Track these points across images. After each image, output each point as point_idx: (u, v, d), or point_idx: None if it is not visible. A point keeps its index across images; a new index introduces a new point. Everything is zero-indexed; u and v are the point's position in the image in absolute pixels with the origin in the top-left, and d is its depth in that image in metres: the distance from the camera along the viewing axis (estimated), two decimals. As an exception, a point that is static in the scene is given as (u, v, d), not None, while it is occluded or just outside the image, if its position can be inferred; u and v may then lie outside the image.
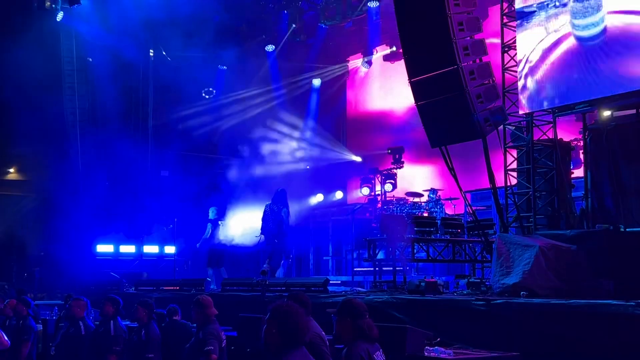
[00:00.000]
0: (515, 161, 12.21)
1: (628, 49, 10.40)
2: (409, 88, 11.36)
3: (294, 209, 16.75)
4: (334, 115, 23.69)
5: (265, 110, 22.20)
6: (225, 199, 19.03)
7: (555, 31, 11.37)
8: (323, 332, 7.00)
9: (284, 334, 4.37)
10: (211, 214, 17.18)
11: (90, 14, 20.03)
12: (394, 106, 20.82)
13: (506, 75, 12.29)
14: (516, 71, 11.98)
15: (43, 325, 12.22)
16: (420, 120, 11.46)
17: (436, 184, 17.73)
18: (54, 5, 20.08)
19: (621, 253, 9.33)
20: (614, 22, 10.59)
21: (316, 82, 23.39)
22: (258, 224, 15.72)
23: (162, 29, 20.76)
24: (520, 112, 11.96)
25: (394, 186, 19.36)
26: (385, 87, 21.58)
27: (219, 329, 7.73)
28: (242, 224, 18.15)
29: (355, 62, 23.05)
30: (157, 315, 9.56)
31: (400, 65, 11.93)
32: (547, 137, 11.93)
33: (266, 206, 15.38)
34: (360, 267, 16.63)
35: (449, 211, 17.30)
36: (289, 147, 21.49)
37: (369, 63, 22.02)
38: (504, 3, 12.43)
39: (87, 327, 9.45)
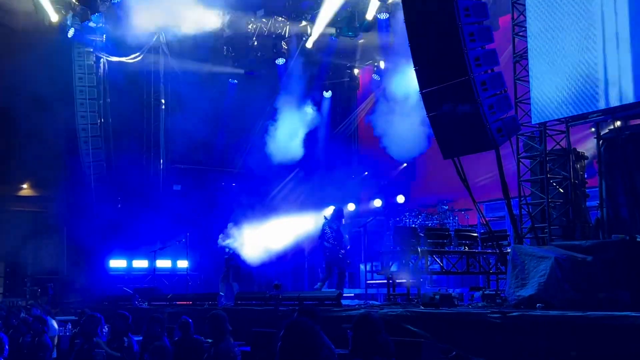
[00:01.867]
0: (529, 171, 12.13)
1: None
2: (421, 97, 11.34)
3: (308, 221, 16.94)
4: (345, 127, 23.68)
5: (276, 122, 22.19)
6: (237, 214, 19.06)
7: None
8: (332, 346, 6.95)
9: (299, 351, 4.32)
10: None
11: (101, 30, 20.13)
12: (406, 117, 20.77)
13: (518, 85, 12.22)
14: (528, 81, 11.89)
15: (57, 341, 12.22)
16: (432, 131, 11.42)
17: (449, 195, 17.63)
18: (66, 21, 20.21)
19: (638, 263, 9.21)
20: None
21: (327, 94, 23.41)
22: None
23: (173, 44, 20.87)
24: (533, 121, 11.87)
25: (407, 197, 19.28)
26: (397, 98, 21.51)
27: (234, 345, 7.67)
28: (252, 240, 18.21)
29: (366, 73, 23.05)
30: (168, 330, 9.51)
31: (412, 76, 11.86)
32: (560, 147, 11.83)
33: None
34: (374, 280, 16.55)
35: (462, 222, 17.21)
36: (300, 160, 21.47)
37: (380, 74, 22.00)
38: (514, 13, 12.38)
39: (101, 343, 9.41)
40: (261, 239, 18.59)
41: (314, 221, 18.78)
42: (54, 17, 19.83)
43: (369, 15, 19.72)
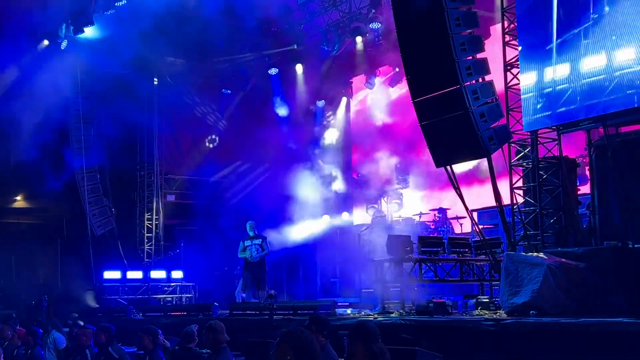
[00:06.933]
0: (521, 179, 12.17)
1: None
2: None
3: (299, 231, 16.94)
4: (338, 137, 23.68)
5: (270, 132, 22.22)
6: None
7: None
8: (337, 357, 6.94)
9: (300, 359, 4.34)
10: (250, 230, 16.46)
11: (94, 42, 20.12)
12: (399, 126, 20.82)
13: (509, 93, 12.28)
14: (519, 89, 11.96)
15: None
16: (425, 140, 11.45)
17: (443, 203, 17.66)
18: (58, 33, 20.21)
19: (631, 269, 9.25)
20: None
21: (320, 103, 23.44)
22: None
23: (166, 56, 20.90)
24: (525, 129, 11.92)
25: (401, 206, 19.28)
26: (389, 107, 21.57)
27: (232, 357, 7.64)
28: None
29: (359, 83, 23.10)
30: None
31: (404, 85, 11.91)
32: (552, 155, 11.89)
33: None
34: (368, 289, 16.52)
35: (456, 230, 17.22)
36: (294, 170, 21.48)
37: (372, 84, 22.03)
38: (505, 21, 12.45)
39: (93, 355, 9.42)
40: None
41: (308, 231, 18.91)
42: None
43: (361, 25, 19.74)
